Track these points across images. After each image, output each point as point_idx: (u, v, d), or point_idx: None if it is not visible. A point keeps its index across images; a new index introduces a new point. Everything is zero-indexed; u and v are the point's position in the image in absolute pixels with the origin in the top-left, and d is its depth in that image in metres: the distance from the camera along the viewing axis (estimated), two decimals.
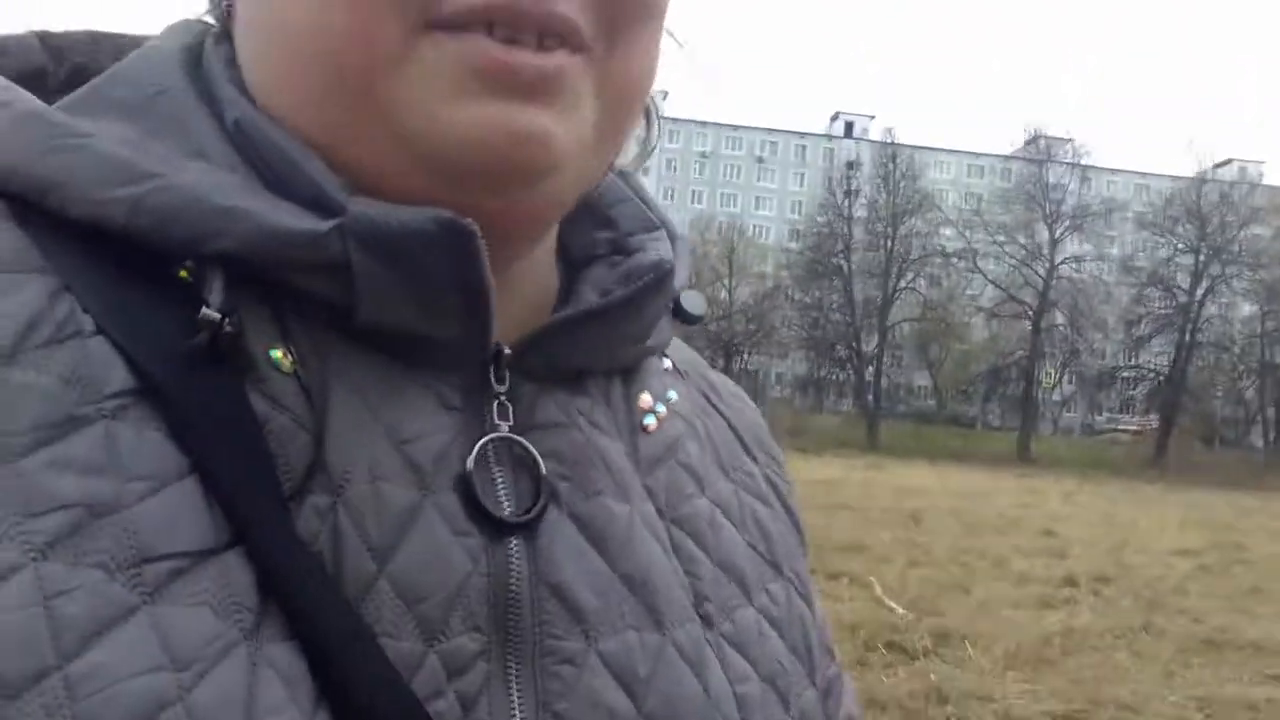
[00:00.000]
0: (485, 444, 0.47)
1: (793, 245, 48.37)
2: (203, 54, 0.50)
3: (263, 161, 0.46)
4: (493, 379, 0.48)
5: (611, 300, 0.52)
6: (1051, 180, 44.29)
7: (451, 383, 0.48)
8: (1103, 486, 24.91)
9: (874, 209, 45.42)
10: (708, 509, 0.57)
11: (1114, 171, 66.93)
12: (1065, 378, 52.97)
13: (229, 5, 0.50)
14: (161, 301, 0.42)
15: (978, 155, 74.27)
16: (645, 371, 0.58)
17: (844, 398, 52.02)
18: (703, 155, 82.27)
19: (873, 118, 77.53)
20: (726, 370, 45.63)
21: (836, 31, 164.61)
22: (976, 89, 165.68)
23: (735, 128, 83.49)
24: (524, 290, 0.52)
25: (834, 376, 51.24)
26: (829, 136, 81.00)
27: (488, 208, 0.45)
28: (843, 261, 44.37)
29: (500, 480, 0.47)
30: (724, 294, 48.61)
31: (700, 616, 0.53)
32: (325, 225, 0.43)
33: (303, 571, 0.40)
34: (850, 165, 52.04)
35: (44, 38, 0.52)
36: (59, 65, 0.52)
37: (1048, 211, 43.30)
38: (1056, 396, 56.40)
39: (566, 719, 0.45)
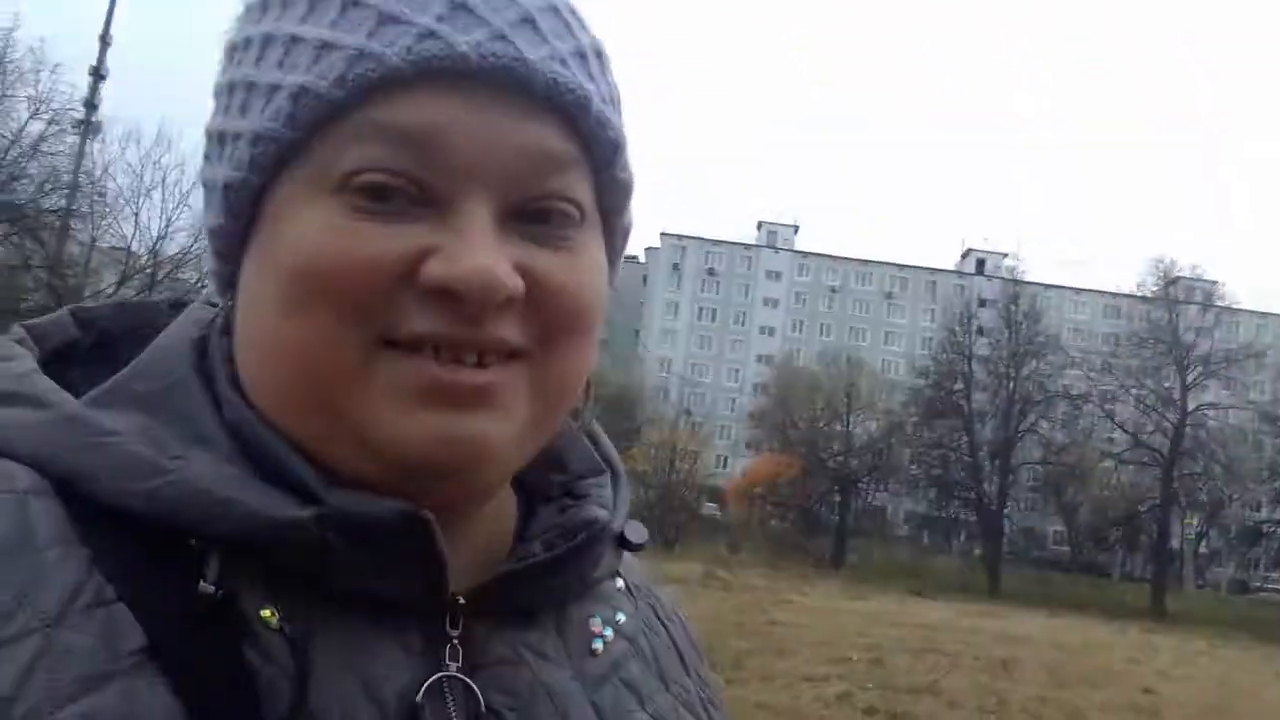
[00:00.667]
0: (435, 681, 0.55)
1: (920, 381, 48.00)
2: (208, 347, 0.60)
3: (255, 455, 0.55)
4: (447, 626, 0.57)
5: (547, 557, 0.60)
6: (1184, 325, 42.91)
7: (416, 629, 0.56)
8: (1236, 649, 23.42)
9: (996, 349, 44.82)
10: None
11: (1261, 315, 64.36)
12: (1210, 530, 50.25)
13: (232, 307, 0.59)
14: (171, 573, 0.51)
15: (1115, 295, 72.81)
16: (595, 596, 0.66)
17: (973, 539, 50.54)
18: (832, 290, 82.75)
19: (1005, 255, 76.94)
20: (844, 506, 45.68)
21: (973, 166, 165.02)
22: (1119, 226, 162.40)
23: (865, 262, 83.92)
24: (478, 539, 0.61)
25: (959, 517, 49.94)
26: (959, 273, 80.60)
27: (441, 493, 0.56)
28: (963, 401, 43.72)
29: (453, 712, 0.55)
30: (841, 428, 48.31)
31: None
32: (306, 513, 0.52)
33: None
34: (982, 303, 51.73)
35: (75, 313, 0.63)
36: (87, 334, 0.63)
37: (1179, 357, 41.86)
38: (1204, 549, 53.47)
39: None
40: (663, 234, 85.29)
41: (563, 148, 0.57)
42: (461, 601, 0.57)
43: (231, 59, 0.59)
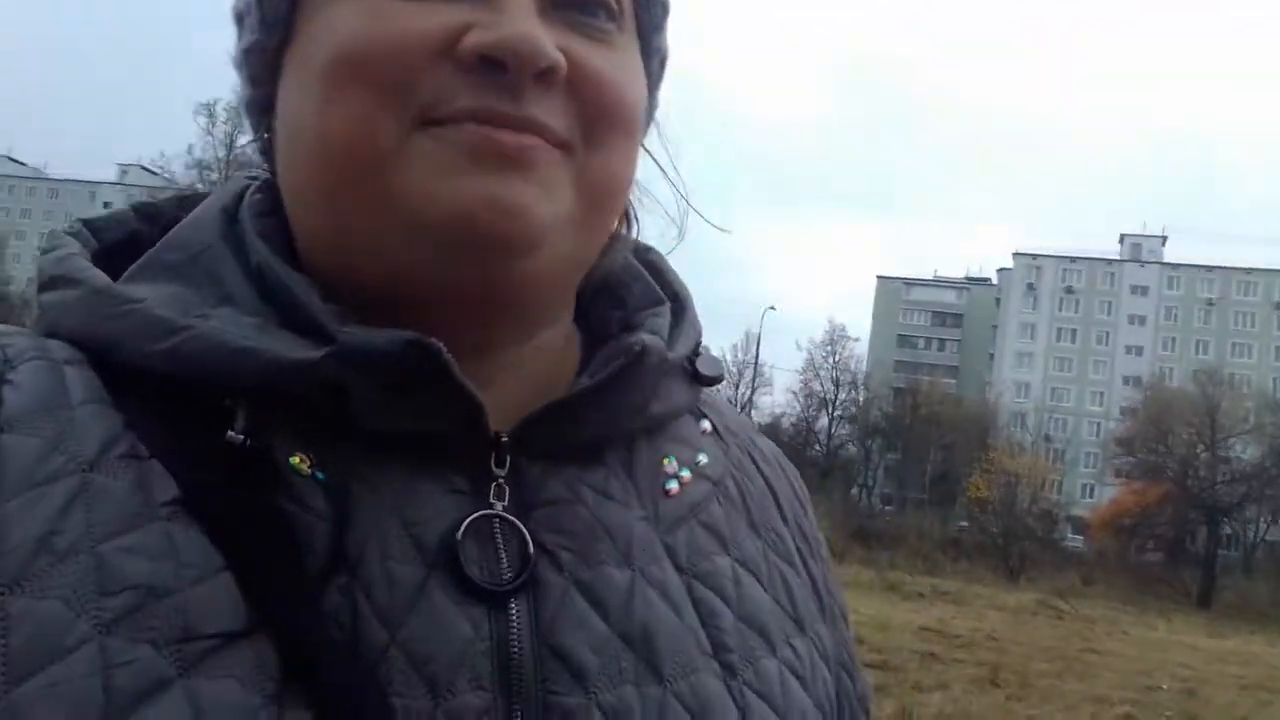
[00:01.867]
0: (480, 520, 0.54)
1: None
2: (239, 210, 0.61)
3: (278, 302, 0.56)
4: (492, 464, 0.56)
5: (585, 386, 0.58)
6: None
7: (462, 470, 0.56)
8: None
9: None
10: (730, 566, 0.63)
11: None
12: None
13: (268, 135, 0.61)
14: (201, 428, 0.52)
15: None
16: (671, 436, 0.65)
17: None
18: (1209, 303, 76.14)
19: None
20: (1212, 538, 41.97)
21: None
22: None
23: (1249, 271, 76.53)
24: (532, 378, 0.60)
25: None
26: None
27: (478, 284, 0.54)
28: None
29: (503, 552, 0.55)
30: (1211, 453, 44.71)
31: (722, 665, 0.59)
32: (319, 354, 0.52)
33: (316, 645, 0.48)
34: None
35: (138, 209, 0.65)
36: (153, 227, 0.64)
37: None
38: None
39: None
40: (1015, 253, 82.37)
41: None
42: (504, 439, 0.56)
43: None
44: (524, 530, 0.55)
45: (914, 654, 12.85)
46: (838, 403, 66.57)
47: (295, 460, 0.53)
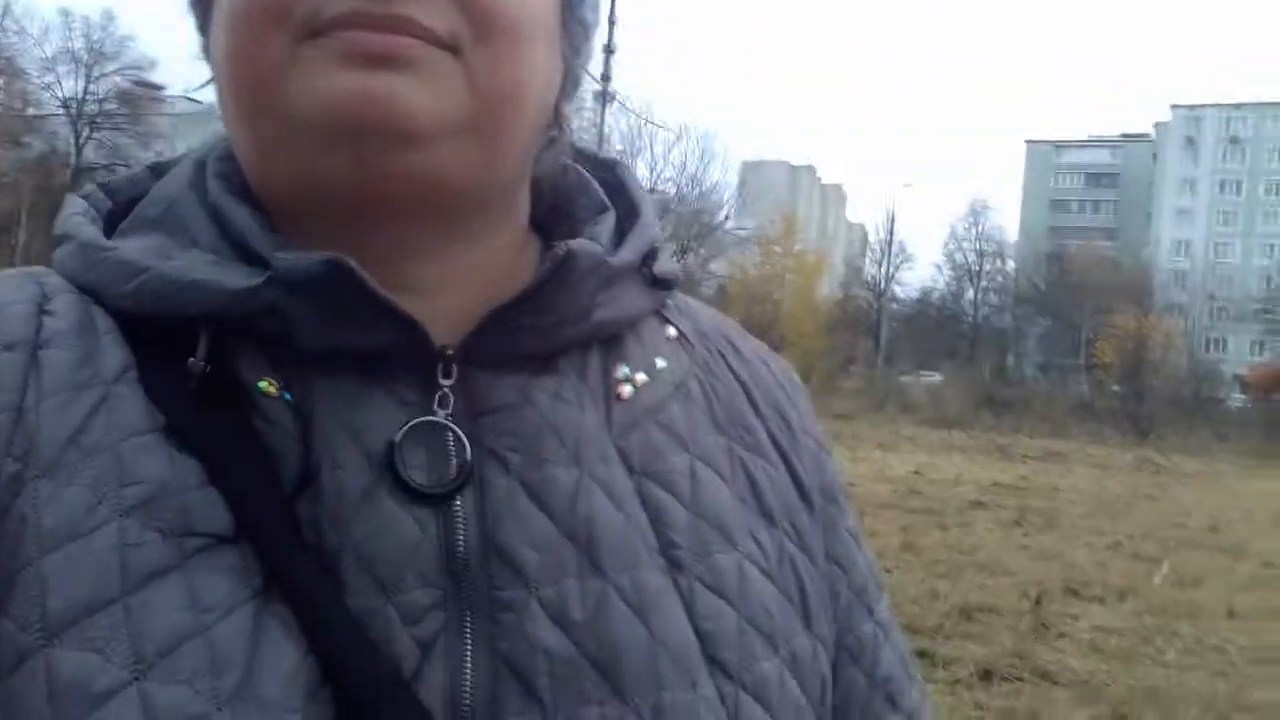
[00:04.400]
0: (419, 426, 0.57)
1: None
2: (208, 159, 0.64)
3: (232, 239, 0.59)
4: (439, 375, 0.58)
5: (516, 294, 0.59)
6: None
7: (409, 383, 0.58)
8: None
9: None
10: (686, 464, 0.63)
11: None
12: None
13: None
14: (176, 361, 0.56)
15: None
16: (628, 342, 0.66)
17: None
18: None
19: None
20: None
21: None
22: None
23: None
24: (485, 282, 0.61)
25: None
26: None
27: (369, 178, 0.55)
28: None
29: (451, 460, 0.56)
30: None
31: (669, 560, 0.59)
32: (257, 280, 0.55)
33: (286, 553, 0.52)
34: None
35: (153, 167, 0.68)
36: None
37: None
38: None
39: (508, 657, 0.54)
40: (1173, 105, 78.77)
41: None
42: (449, 351, 0.58)
43: None
44: (459, 434, 0.57)
45: (964, 503, 14.04)
46: (983, 273, 66.52)
47: (264, 384, 0.56)
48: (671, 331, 0.69)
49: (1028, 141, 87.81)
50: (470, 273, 0.62)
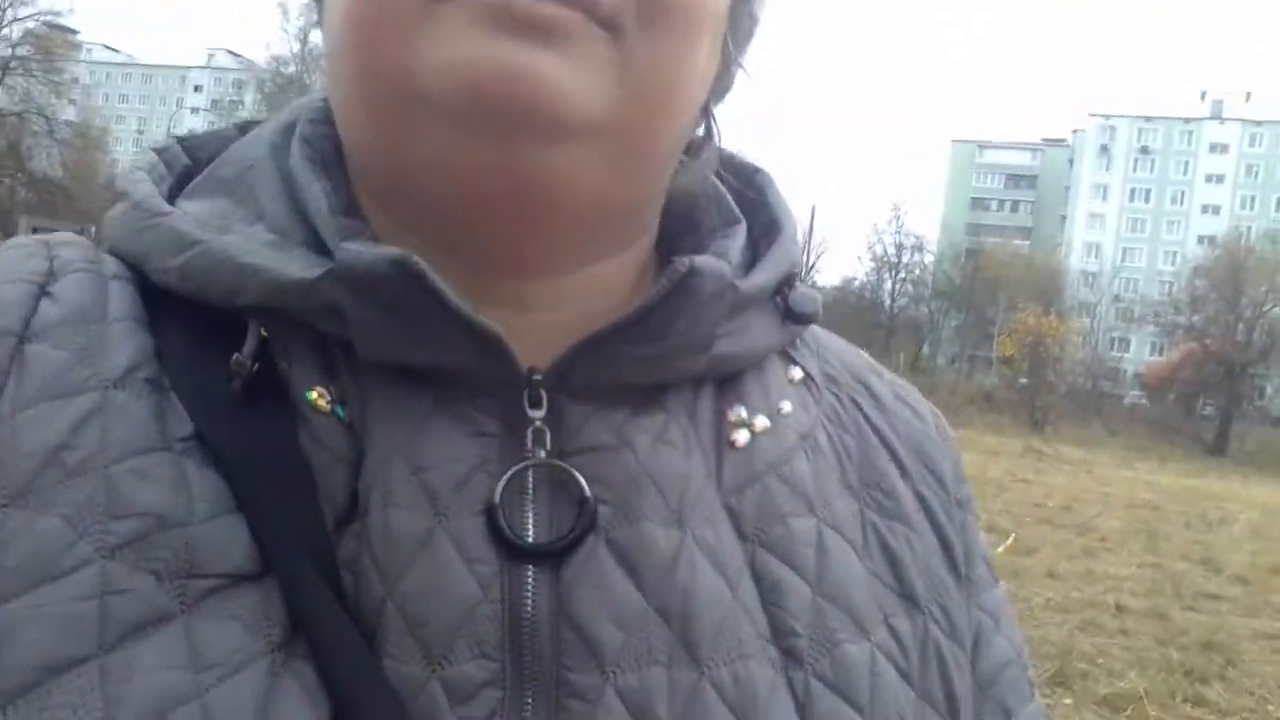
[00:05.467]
0: (519, 471, 0.47)
1: None
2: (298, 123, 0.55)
3: (304, 214, 0.50)
4: (526, 405, 0.48)
5: (627, 315, 0.49)
6: None
7: (488, 410, 0.48)
8: None
9: None
10: (812, 531, 0.52)
11: None
12: None
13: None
14: (219, 356, 0.47)
15: None
16: (747, 382, 0.55)
17: None
18: None
19: None
20: (1232, 391, 43.12)
21: None
22: None
23: None
24: (593, 309, 0.51)
25: None
26: None
27: (498, 171, 0.45)
28: None
29: (534, 507, 0.47)
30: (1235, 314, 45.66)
31: (782, 651, 0.49)
32: (315, 273, 0.46)
33: (316, 599, 0.43)
34: None
35: (242, 126, 0.60)
36: None
37: None
38: None
39: None
40: (1090, 114, 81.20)
41: None
42: (537, 377, 0.48)
43: None
44: (581, 482, 0.47)
45: None
46: (902, 265, 68.08)
47: (313, 395, 0.47)
48: (797, 373, 0.59)
49: (953, 140, 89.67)
50: (576, 291, 0.52)
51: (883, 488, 0.57)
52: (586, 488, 0.47)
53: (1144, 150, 78.33)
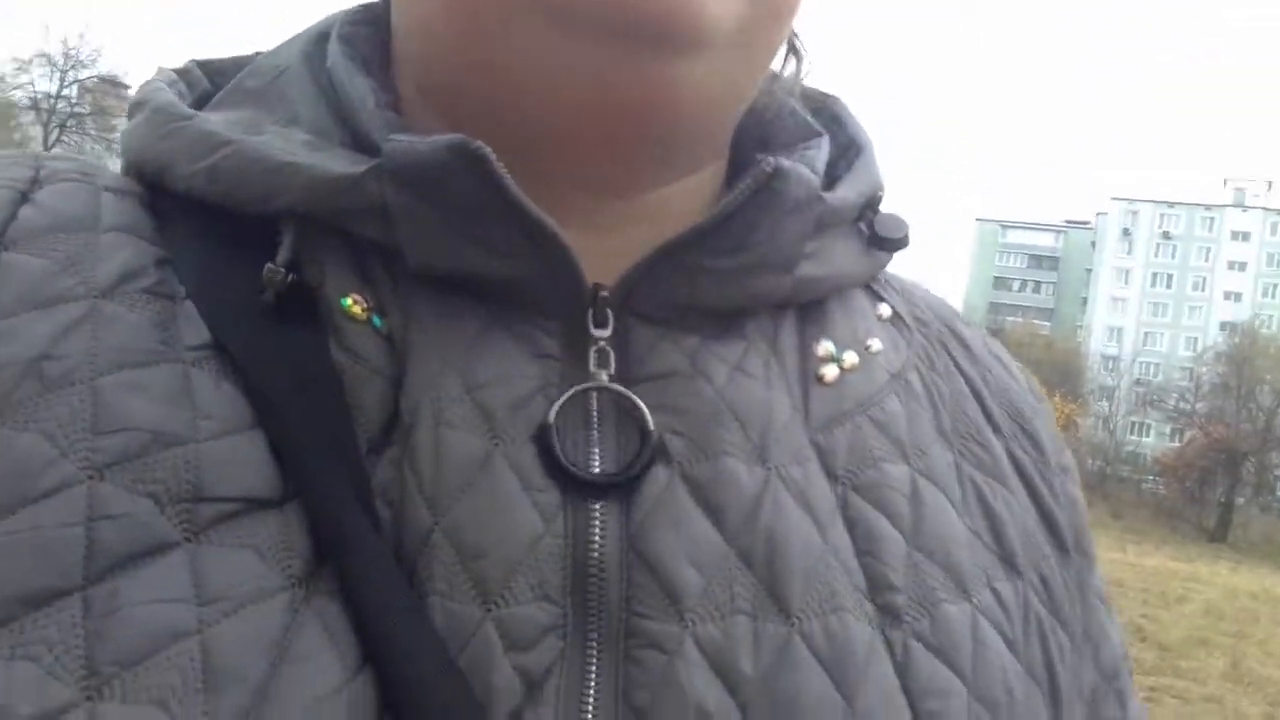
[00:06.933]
0: (576, 393, 0.42)
1: None
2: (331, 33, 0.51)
3: (344, 114, 0.46)
4: (590, 323, 0.43)
5: (706, 221, 0.44)
6: None
7: (550, 329, 0.43)
8: None
9: None
10: (906, 478, 0.47)
11: None
12: None
13: None
14: (247, 264, 0.42)
15: None
16: (833, 314, 0.50)
17: None
18: None
19: None
20: (1233, 477, 43.42)
21: None
22: None
23: None
24: (655, 220, 0.46)
25: None
26: None
27: (631, 87, 0.41)
28: None
29: (599, 435, 0.42)
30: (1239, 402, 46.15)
31: (879, 607, 0.43)
32: (361, 168, 0.42)
33: (349, 525, 0.38)
34: None
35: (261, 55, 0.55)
36: None
37: None
38: None
39: (647, 714, 0.38)
40: (1113, 198, 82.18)
41: None
42: (603, 294, 0.43)
43: None
44: (639, 404, 0.42)
45: None
46: None
47: (348, 302, 0.42)
48: (885, 310, 0.53)
49: (978, 220, 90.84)
50: (646, 212, 0.47)
51: (979, 440, 0.52)
52: (649, 415, 0.42)
53: (1165, 236, 79.05)
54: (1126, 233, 79.64)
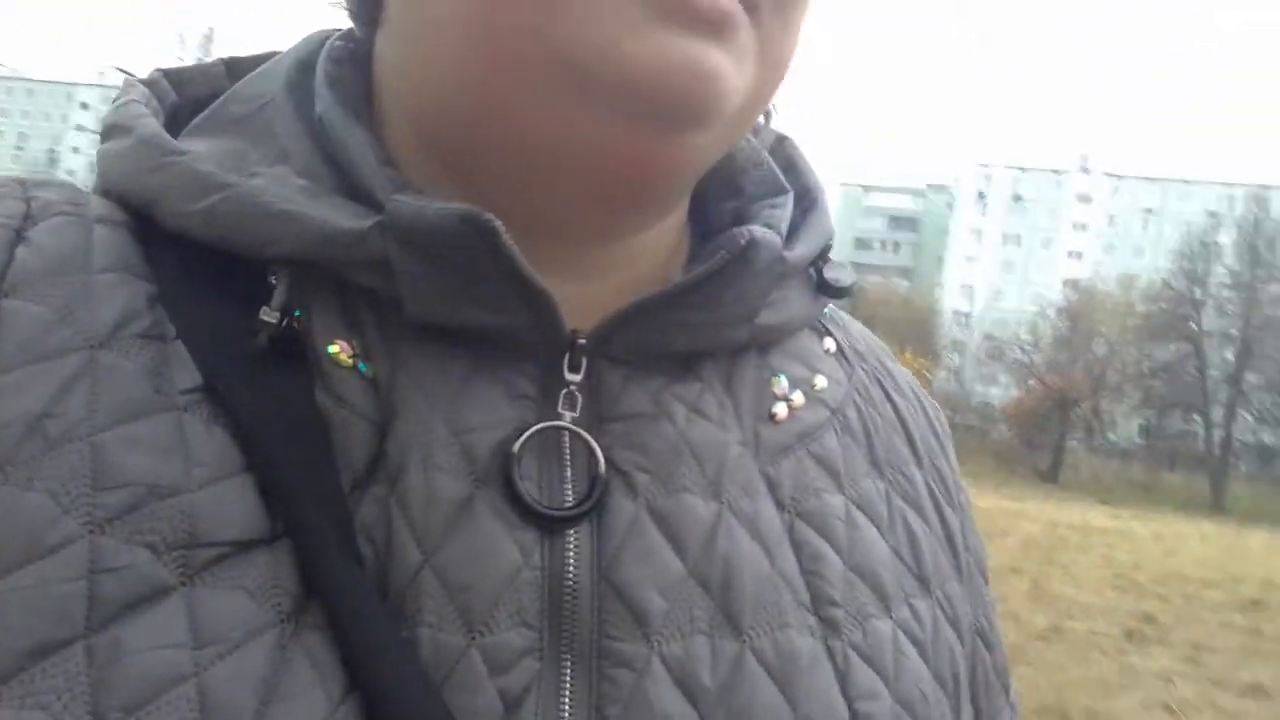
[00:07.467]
0: (540, 431, 0.45)
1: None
2: (317, 59, 0.51)
3: (339, 162, 0.47)
4: (565, 368, 0.46)
5: (677, 285, 0.47)
6: None
7: (528, 373, 0.46)
8: None
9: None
10: (842, 507, 0.52)
11: None
12: None
13: (373, 24, 0.51)
14: (238, 307, 0.44)
15: None
16: (784, 353, 0.55)
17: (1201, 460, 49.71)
18: (1148, 211, 79.54)
19: None
20: (1063, 422, 46.57)
21: None
22: None
23: (1187, 183, 79.75)
24: (636, 272, 0.51)
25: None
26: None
27: (643, 157, 0.44)
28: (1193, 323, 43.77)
29: (572, 473, 0.45)
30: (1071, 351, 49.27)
31: (822, 620, 0.48)
32: (366, 224, 0.44)
33: (335, 563, 0.40)
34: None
35: (229, 63, 0.56)
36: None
37: None
38: None
39: None
40: (970, 162, 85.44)
41: None
42: (581, 341, 0.46)
43: None
44: (593, 444, 0.46)
45: None
46: None
47: (334, 349, 0.44)
48: (830, 344, 0.58)
49: (842, 184, 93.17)
50: (621, 258, 0.50)
51: (905, 472, 0.57)
52: (600, 453, 0.46)
53: (1016, 198, 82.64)
54: (982, 195, 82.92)
